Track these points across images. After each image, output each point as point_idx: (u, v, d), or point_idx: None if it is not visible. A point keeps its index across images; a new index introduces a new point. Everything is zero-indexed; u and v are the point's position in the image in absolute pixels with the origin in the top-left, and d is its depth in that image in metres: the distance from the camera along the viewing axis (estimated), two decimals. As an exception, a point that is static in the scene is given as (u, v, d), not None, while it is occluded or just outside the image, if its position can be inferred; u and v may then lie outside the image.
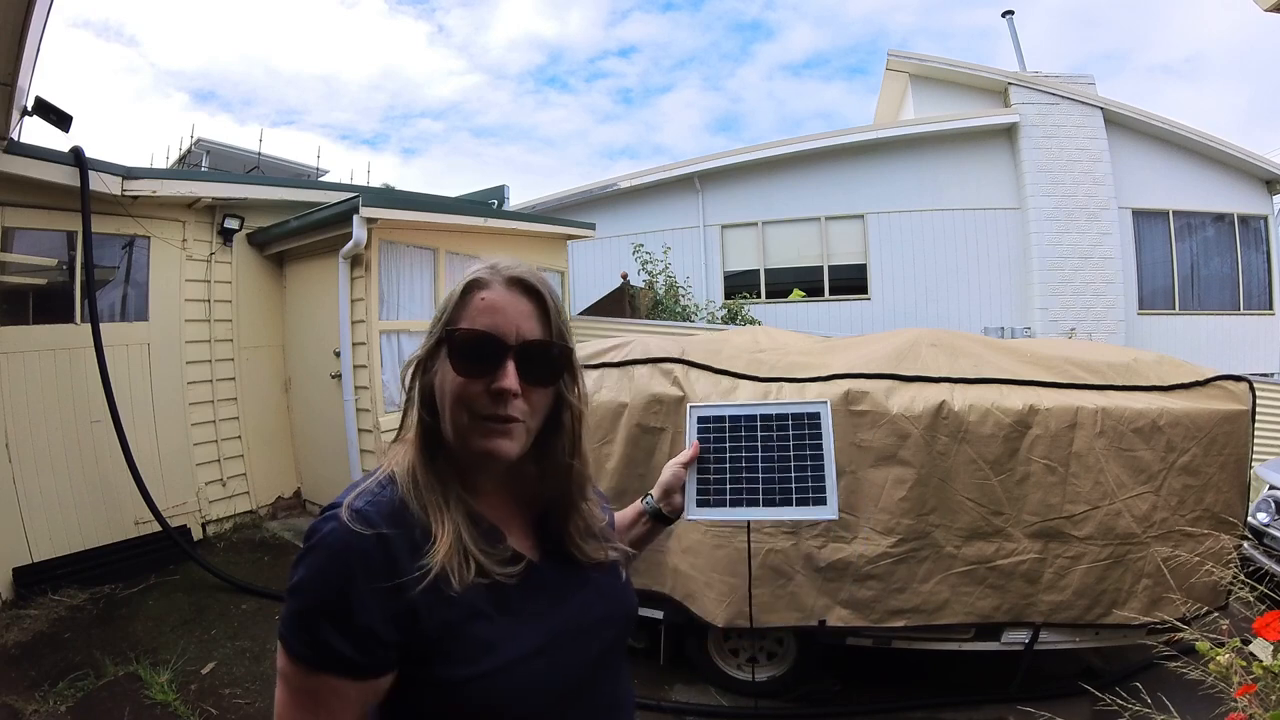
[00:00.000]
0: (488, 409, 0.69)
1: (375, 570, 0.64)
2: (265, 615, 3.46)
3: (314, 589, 0.66)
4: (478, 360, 0.69)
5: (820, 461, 1.02)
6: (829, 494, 0.99)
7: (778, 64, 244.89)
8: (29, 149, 3.57)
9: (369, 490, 0.69)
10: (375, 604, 0.64)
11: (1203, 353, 8.35)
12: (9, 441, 3.62)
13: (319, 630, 0.65)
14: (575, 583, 0.78)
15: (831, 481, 0.99)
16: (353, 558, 0.64)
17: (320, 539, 0.66)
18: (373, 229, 4.22)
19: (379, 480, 0.71)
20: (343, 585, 0.64)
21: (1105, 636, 2.41)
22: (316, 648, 0.66)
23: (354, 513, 0.66)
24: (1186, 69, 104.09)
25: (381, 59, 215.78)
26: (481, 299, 0.71)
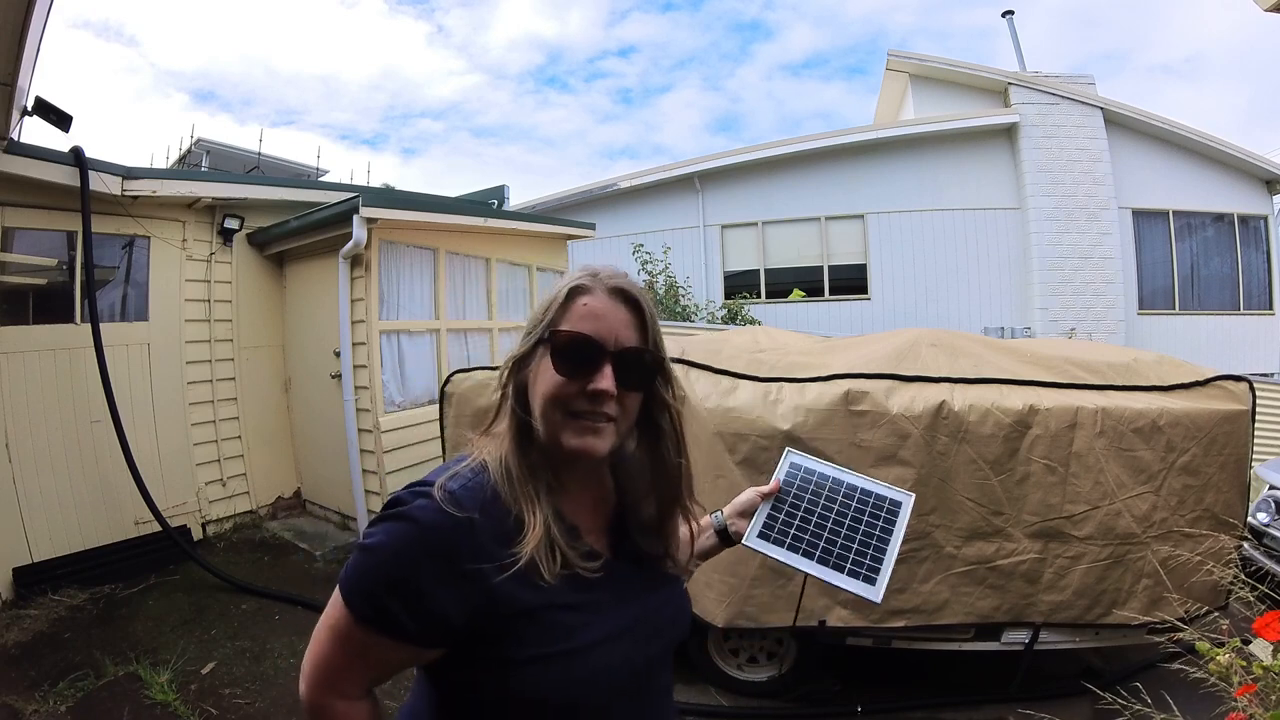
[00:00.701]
0: (583, 407, 0.73)
1: (458, 553, 0.67)
2: (265, 615, 3.46)
3: (391, 559, 0.67)
4: (579, 362, 0.73)
5: (885, 545, 1.03)
6: (881, 577, 0.99)
7: (777, 64, 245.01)
8: (29, 149, 3.57)
9: (462, 475, 0.72)
10: (450, 587, 0.67)
11: (1203, 353, 8.35)
12: (9, 441, 3.62)
13: (385, 599, 0.67)
14: (646, 584, 0.82)
15: (889, 567, 1.00)
16: (437, 537, 0.67)
17: (409, 510, 0.68)
18: (373, 229, 4.22)
19: (472, 467, 0.73)
20: (421, 562, 0.66)
21: (1105, 636, 2.42)
22: (379, 612, 0.67)
23: (448, 494, 0.68)
24: (1186, 69, 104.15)
25: (381, 59, 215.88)
26: (584, 304, 0.74)
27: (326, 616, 0.71)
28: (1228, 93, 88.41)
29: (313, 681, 0.73)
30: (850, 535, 1.04)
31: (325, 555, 4.23)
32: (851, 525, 1.05)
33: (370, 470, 4.31)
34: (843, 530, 1.04)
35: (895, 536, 1.03)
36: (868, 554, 1.01)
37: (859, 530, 1.04)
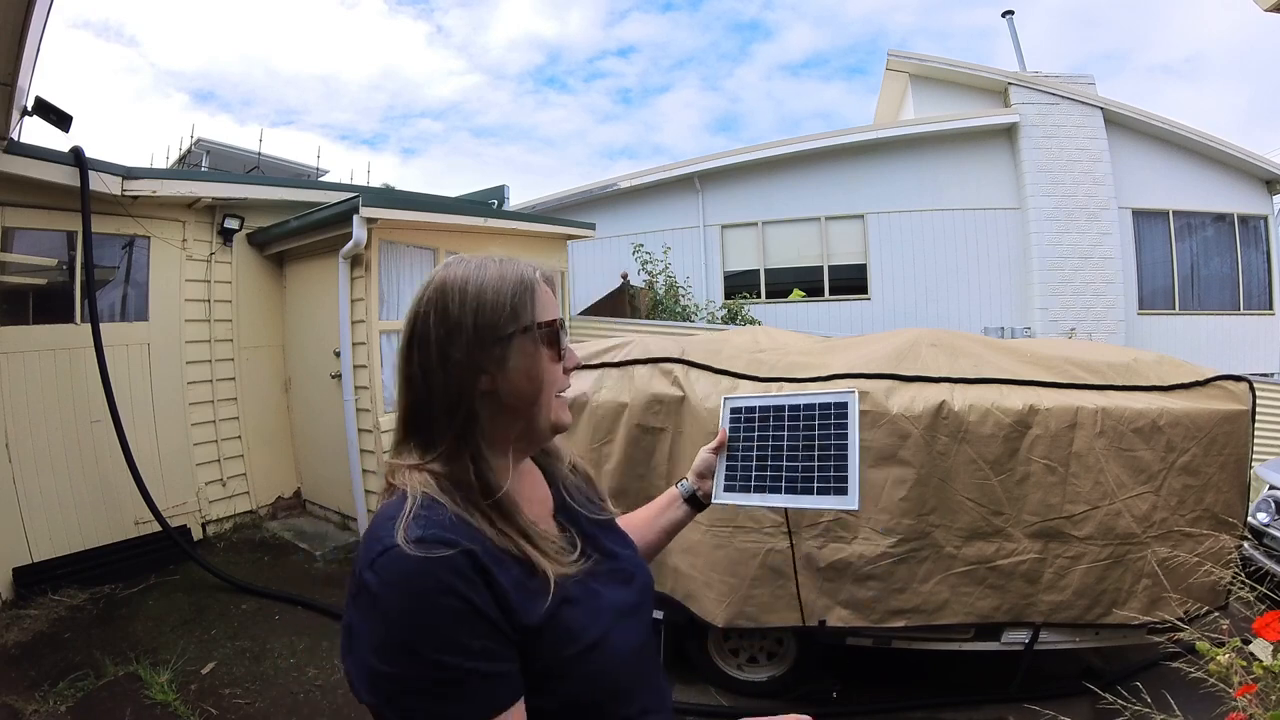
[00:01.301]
0: (564, 385, 0.78)
1: (475, 584, 0.62)
2: (265, 615, 3.46)
3: (423, 626, 0.59)
4: (560, 345, 0.77)
5: (844, 452, 1.01)
6: (851, 484, 0.98)
7: (776, 64, 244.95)
8: (29, 149, 3.57)
9: (418, 518, 0.64)
10: (487, 618, 0.62)
11: (1203, 353, 8.35)
12: (9, 441, 3.62)
13: (450, 680, 0.59)
14: (611, 553, 0.83)
15: (854, 471, 0.98)
16: (449, 580, 0.60)
17: (396, 577, 0.60)
18: (373, 229, 4.22)
19: (420, 505, 0.65)
20: (453, 610, 0.60)
21: (1105, 636, 2.42)
22: (468, 688, 0.60)
23: (421, 542, 0.61)
24: (1186, 69, 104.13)
25: (381, 59, 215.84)
26: (545, 293, 0.77)
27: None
28: (1228, 93, 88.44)
29: None
30: (808, 455, 1.03)
31: (325, 555, 4.23)
32: (806, 444, 1.04)
33: (370, 470, 4.31)
34: (799, 453, 1.03)
35: (851, 439, 1.02)
36: (830, 466, 1.00)
37: (814, 446, 1.03)
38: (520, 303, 0.73)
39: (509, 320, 0.71)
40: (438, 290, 0.72)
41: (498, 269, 0.74)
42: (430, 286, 0.73)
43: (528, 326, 0.72)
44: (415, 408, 0.71)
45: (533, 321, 0.73)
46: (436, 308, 0.71)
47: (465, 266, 0.74)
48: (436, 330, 0.70)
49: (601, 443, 2.60)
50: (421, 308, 0.72)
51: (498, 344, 0.71)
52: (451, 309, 0.70)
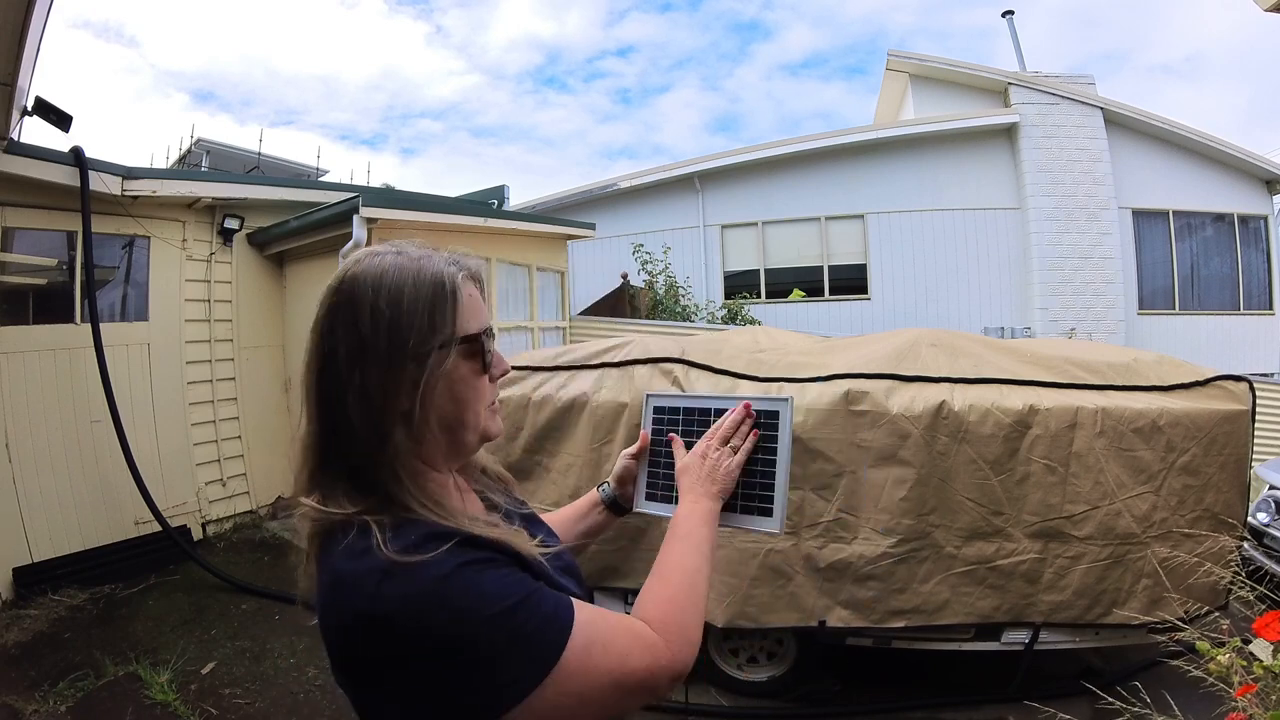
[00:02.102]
0: (493, 396, 0.72)
1: (488, 551, 0.61)
2: (265, 615, 3.46)
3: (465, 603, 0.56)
4: (487, 353, 0.69)
5: (771, 468, 0.89)
6: (776, 506, 0.87)
7: (776, 64, 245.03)
8: (29, 149, 3.57)
9: (394, 536, 0.58)
10: (511, 563, 0.63)
11: (1203, 353, 8.35)
12: (9, 441, 3.62)
13: (527, 610, 0.58)
14: (543, 534, 0.82)
15: (780, 492, 0.87)
16: (464, 556, 0.58)
17: (412, 586, 0.55)
18: (373, 229, 4.22)
19: (384, 527, 0.59)
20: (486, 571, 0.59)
21: (1105, 636, 2.41)
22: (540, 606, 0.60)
23: (410, 549, 0.57)
24: (1186, 69, 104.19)
25: (380, 59, 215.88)
26: (470, 295, 0.69)
27: (572, 684, 0.58)
28: (1228, 93, 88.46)
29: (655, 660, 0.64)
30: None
31: (325, 555, 4.23)
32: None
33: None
34: None
35: (781, 454, 0.89)
36: (755, 484, 0.89)
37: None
38: (439, 314, 0.64)
39: (425, 336, 0.63)
40: (347, 298, 0.64)
41: (414, 269, 0.65)
42: (337, 292, 0.65)
43: (446, 341, 0.64)
44: (329, 436, 0.64)
45: (452, 335, 0.65)
46: (347, 321, 0.63)
47: (376, 265, 0.65)
48: (349, 347, 0.62)
49: (601, 443, 2.60)
50: (328, 320, 0.64)
51: (413, 363, 0.62)
52: (361, 323, 0.62)
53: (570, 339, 6.89)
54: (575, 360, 2.82)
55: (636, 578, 2.53)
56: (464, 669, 0.54)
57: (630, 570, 2.52)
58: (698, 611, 0.71)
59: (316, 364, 0.64)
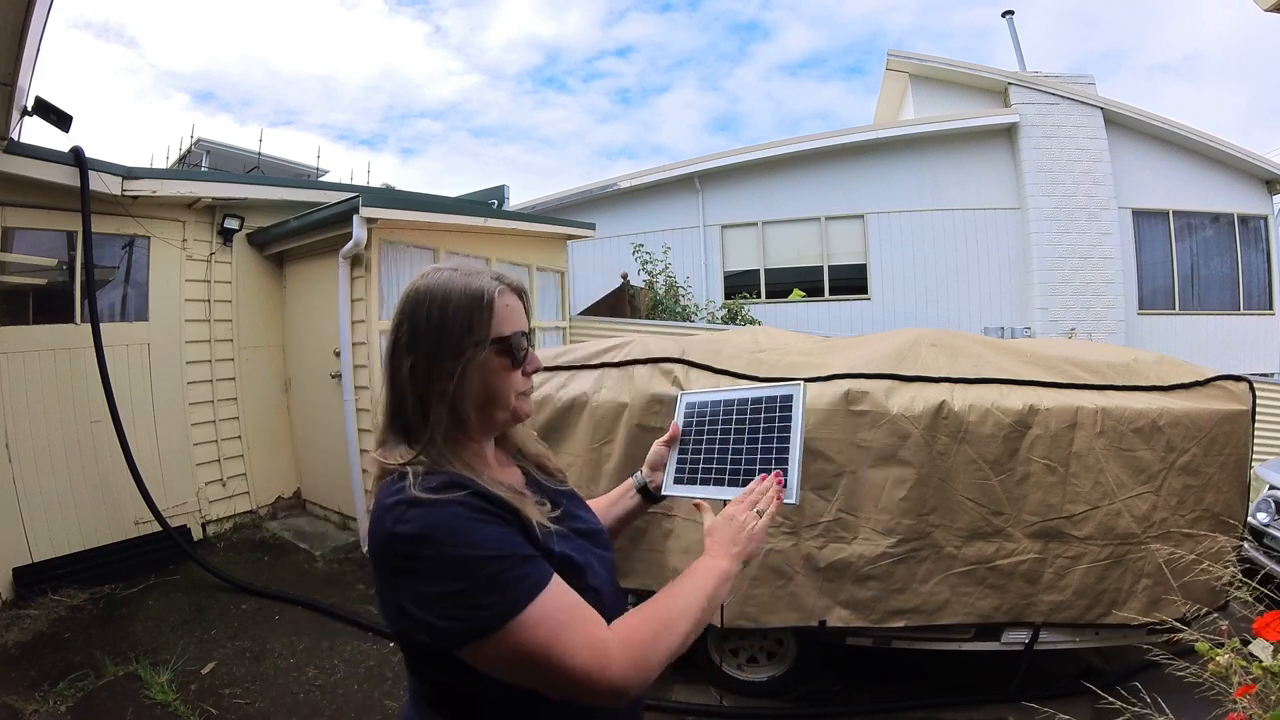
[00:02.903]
0: (524, 386, 0.88)
1: (493, 507, 0.75)
2: (265, 615, 3.46)
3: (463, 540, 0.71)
4: (523, 352, 0.86)
5: (786, 445, 1.00)
6: (791, 479, 0.97)
7: (775, 64, 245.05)
8: (29, 149, 3.57)
9: (423, 480, 0.75)
10: (510, 524, 0.76)
11: (1203, 353, 8.35)
12: (9, 441, 3.62)
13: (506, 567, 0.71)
14: (576, 513, 0.94)
15: (795, 466, 0.98)
16: (472, 502, 0.74)
17: (426, 516, 0.71)
18: (373, 229, 4.22)
19: (421, 474, 0.76)
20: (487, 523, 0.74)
21: (1105, 636, 2.42)
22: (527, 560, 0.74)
23: (434, 489, 0.73)
24: (1186, 68, 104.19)
25: (380, 59, 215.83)
26: (507, 306, 0.85)
27: (515, 644, 0.70)
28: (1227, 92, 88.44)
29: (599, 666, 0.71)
30: (752, 448, 1.03)
31: (325, 555, 4.23)
32: (751, 438, 1.04)
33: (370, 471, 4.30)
34: (744, 446, 1.04)
35: (794, 433, 1.01)
36: (772, 460, 1.00)
37: (759, 440, 1.04)
38: (476, 319, 0.81)
39: (464, 335, 0.80)
40: (413, 302, 0.82)
41: (463, 283, 0.83)
42: (408, 297, 0.84)
43: (481, 341, 0.81)
44: (395, 403, 0.83)
45: (486, 336, 0.81)
46: (410, 319, 0.82)
47: (437, 278, 0.83)
48: (408, 339, 0.81)
49: (602, 443, 2.60)
50: (399, 317, 0.83)
51: (453, 356, 0.80)
52: (419, 322, 0.81)
53: (570, 339, 6.89)
54: (575, 360, 2.82)
55: (637, 577, 2.52)
56: (448, 590, 0.69)
57: (630, 570, 2.52)
58: (667, 647, 0.77)
59: (389, 348, 0.84)
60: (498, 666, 0.71)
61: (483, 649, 0.70)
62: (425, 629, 0.70)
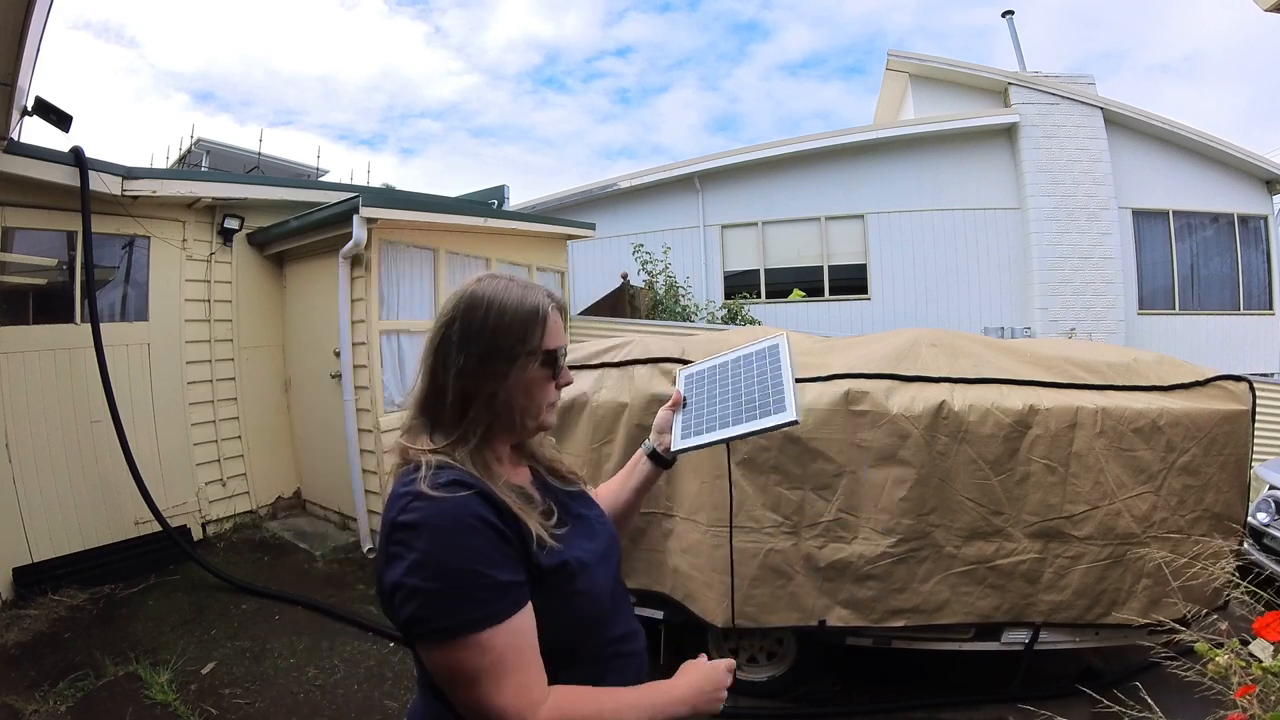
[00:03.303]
0: (554, 398, 0.92)
1: (492, 514, 0.77)
2: (265, 615, 3.46)
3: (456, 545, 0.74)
4: (559, 366, 0.90)
5: (779, 378, 1.10)
6: (787, 401, 1.05)
7: (775, 64, 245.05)
8: (29, 149, 3.57)
9: (436, 474, 0.78)
10: (506, 538, 0.77)
11: (1203, 353, 8.35)
12: (9, 441, 3.62)
13: (479, 586, 0.73)
14: (582, 513, 0.97)
15: (789, 390, 1.07)
16: (473, 508, 0.76)
17: (429, 512, 0.74)
18: (373, 229, 4.22)
19: (435, 466, 0.79)
20: (480, 535, 0.75)
21: (1105, 636, 2.42)
22: (498, 589, 0.74)
23: (443, 486, 0.76)
24: (1185, 68, 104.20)
25: (379, 59, 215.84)
26: (556, 323, 0.90)
27: (457, 659, 0.72)
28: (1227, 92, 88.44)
29: (517, 715, 0.72)
30: (749, 391, 1.13)
31: (325, 555, 4.23)
32: (746, 384, 1.15)
33: (370, 470, 4.31)
34: (741, 392, 1.15)
35: (784, 368, 1.12)
36: (769, 392, 1.10)
37: (754, 383, 1.14)
38: (531, 329, 0.86)
39: (518, 343, 0.85)
40: (468, 303, 0.86)
41: (520, 294, 0.87)
42: (462, 297, 0.87)
43: (533, 351, 0.86)
44: (431, 395, 0.86)
45: (538, 347, 0.86)
46: (464, 318, 0.85)
47: (494, 285, 0.88)
48: (460, 337, 0.84)
49: (602, 443, 2.60)
50: (451, 314, 0.86)
51: (506, 361, 0.84)
52: (474, 323, 0.84)
53: (570, 339, 6.88)
54: (575, 360, 2.82)
55: (636, 577, 2.53)
56: (423, 586, 0.72)
57: (630, 570, 2.52)
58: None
59: (434, 345, 0.87)
60: (435, 672, 0.75)
61: (429, 650, 0.74)
62: (397, 613, 0.74)
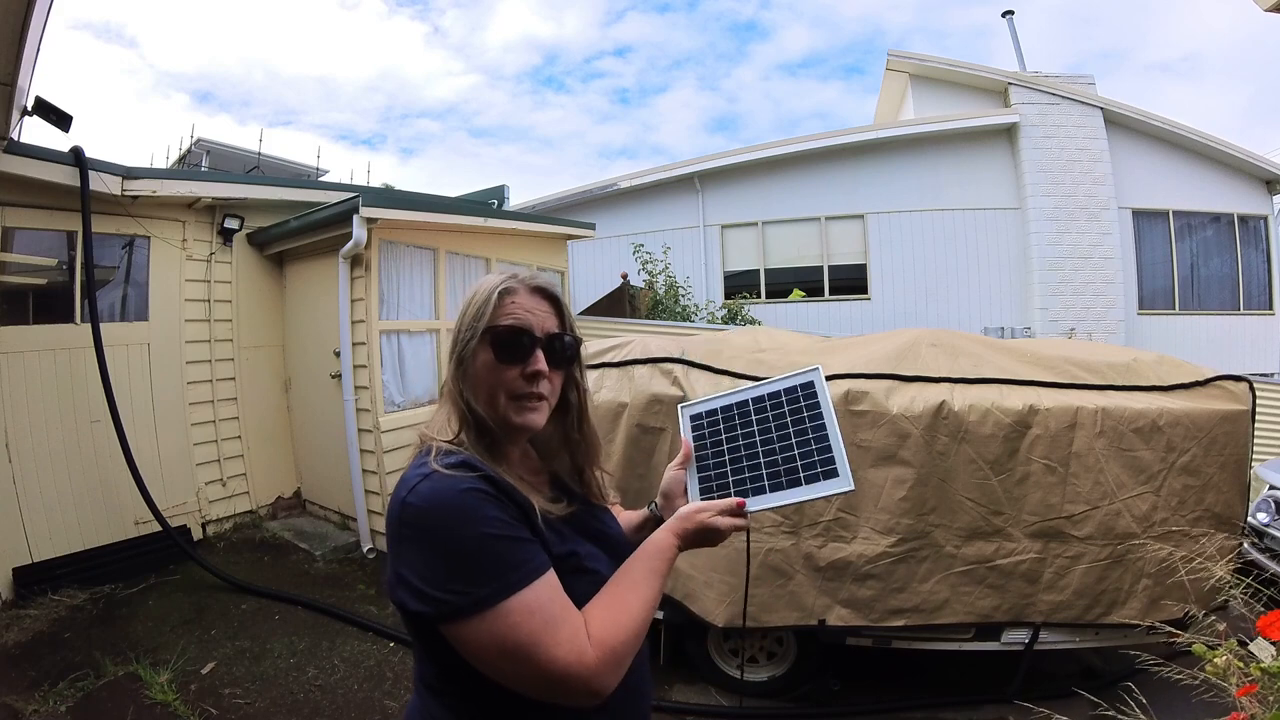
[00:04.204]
0: (523, 389, 0.85)
1: (499, 490, 0.76)
2: (265, 615, 3.45)
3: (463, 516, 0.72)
4: (516, 349, 0.85)
5: (823, 432, 0.93)
6: (840, 464, 0.90)
7: (774, 64, 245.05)
8: (29, 149, 3.56)
9: (443, 457, 0.78)
10: (512, 509, 0.76)
11: (1203, 353, 8.35)
12: (9, 441, 3.61)
13: (511, 525, 0.74)
14: (594, 512, 0.97)
15: (840, 450, 0.91)
16: (479, 485, 0.75)
17: (435, 491, 0.73)
18: (373, 229, 4.21)
19: (442, 451, 0.80)
20: (491, 503, 0.74)
21: (1105, 636, 2.42)
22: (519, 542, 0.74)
23: (449, 467, 0.75)
24: (1185, 68, 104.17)
25: (379, 60, 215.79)
26: (513, 302, 0.86)
27: (508, 627, 0.69)
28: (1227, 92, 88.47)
29: (579, 664, 0.70)
30: (785, 444, 0.96)
31: (325, 555, 4.23)
32: (781, 434, 0.97)
33: (370, 470, 4.31)
34: (775, 445, 0.96)
35: (828, 417, 0.95)
36: (812, 451, 0.93)
37: (790, 434, 0.96)
38: (482, 309, 0.85)
39: (471, 324, 0.85)
40: (467, 295, 0.89)
41: (489, 280, 0.88)
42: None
43: (481, 330, 0.85)
44: (446, 386, 0.89)
45: (486, 326, 0.84)
46: (460, 309, 0.89)
47: (483, 278, 0.91)
48: (455, 327, 0.88)
49: (601, 442, 2.59)
50: (461, 307, 0.90)
51: (464, 343, 0.85)
52: (461, 311, 0.88)
53: (570, 339, 6.87)
54: (575, 360, 2.82)
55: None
56: (446, 563, 0.70)
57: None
58: (635, 641, 0.77)
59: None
60: (479, 652, 0.70)
61: (468, 629, 0.69)
62: (417, 597, 0.70)
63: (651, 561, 0.85)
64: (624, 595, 0.80)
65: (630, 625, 0.76)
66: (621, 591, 0.80)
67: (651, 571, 0.83)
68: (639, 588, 0.81)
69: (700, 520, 0.89)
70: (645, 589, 0.81)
